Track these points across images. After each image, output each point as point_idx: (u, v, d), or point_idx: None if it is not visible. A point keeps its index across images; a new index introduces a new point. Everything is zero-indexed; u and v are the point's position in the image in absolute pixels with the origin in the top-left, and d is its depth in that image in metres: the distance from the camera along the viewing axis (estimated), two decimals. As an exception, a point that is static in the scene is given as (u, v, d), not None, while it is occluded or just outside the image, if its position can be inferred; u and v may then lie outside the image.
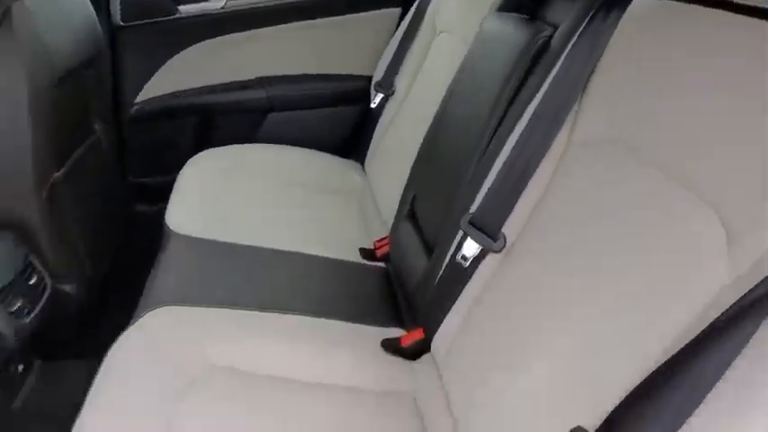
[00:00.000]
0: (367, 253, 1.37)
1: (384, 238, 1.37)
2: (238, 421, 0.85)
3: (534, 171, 0.86)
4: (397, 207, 1.34)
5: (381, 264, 1.35)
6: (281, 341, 1.02)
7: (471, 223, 0.92)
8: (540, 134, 0.85)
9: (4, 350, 1.03)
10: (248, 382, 0.92)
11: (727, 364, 0.46)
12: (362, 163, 1.78)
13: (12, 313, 1.02)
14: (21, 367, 1.16)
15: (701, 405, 0.47)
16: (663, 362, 0.52)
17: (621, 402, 0.54)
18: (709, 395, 0.46)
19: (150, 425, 0.78)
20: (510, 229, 0.89)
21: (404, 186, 1.32)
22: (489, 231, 0.90)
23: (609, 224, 0.73)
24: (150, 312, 0.98)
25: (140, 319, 0.96)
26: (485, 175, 0.94)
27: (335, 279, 1.26)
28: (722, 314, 0.49)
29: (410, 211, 1.26)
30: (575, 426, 0.58)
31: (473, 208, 0.94)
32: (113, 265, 1.50)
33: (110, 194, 1.58)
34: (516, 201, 0.88)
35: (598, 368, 0.64)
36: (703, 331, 0.50)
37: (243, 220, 1.35)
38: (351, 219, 1.53)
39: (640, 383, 0.53)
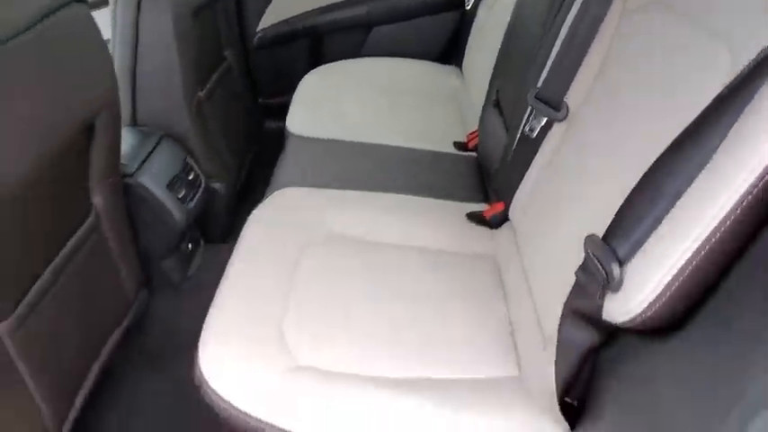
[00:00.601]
0: (460, 145, 1.51)
1: (475, 131, 1.50)
2: (348, 273, 1.06)
3: (591, 42, 0.94)
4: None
5: (473, 153, 1.48)
6: (384, 213, 1.22)
7: (537, 98, 1.02)
8: (596, 7, 0.92)
9: (178, 229, 1.35)
10: (356, 244, 1.13)
11: (702, 164, 0.56)
12: (461, 67, 1.89)
13: (179, 199, 1.33)
14: (190, 246, 1.50)
15: (683, 196, 0.57)
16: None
17: (621, 205, 0.65)
18: (689, 187, 0.57)
19: (274, 278, 1.01)
20: (572, 98, 0.99)
21: (490, 79, 1.42)
22: (553, 103, 1.00)
23: (649, 77, 0.80)
24: (275, 193, 1.23)
25: (267, 199, 1.21)
26: (548, 53, 1.03)
27: (431, 166, 1.42)
28: (699, 115, 0.58)
29: (495, 100, 1.37)
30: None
31: (539, 84, 1.04)
32: (250, 170, 1.80)
33: (244, 113, 1.86)
34: (576, 71, 0.96)
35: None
36: (684, 131, 0.59)
37: (351, 121, 1.56)
38: (448, 117, 1.67)
39: (634, 187, 0.64)
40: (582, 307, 0.68)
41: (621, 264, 0.62)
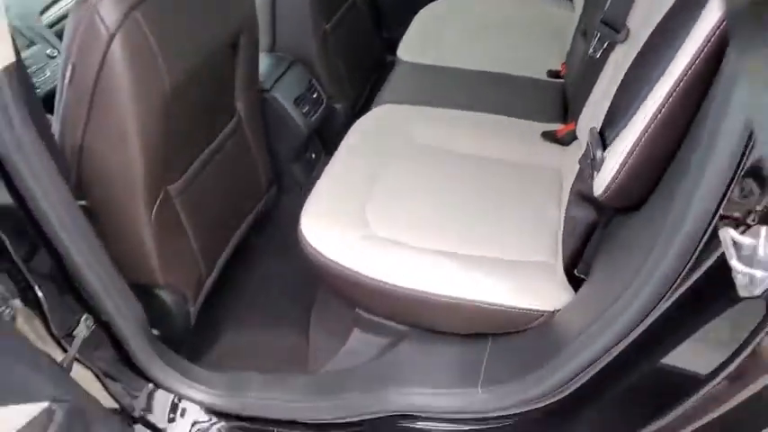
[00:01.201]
0: (553, 73, 1.62)
1: (569, 60, 1.59)
2: (427, 174, 1.27)
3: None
4: (581, 30, 1.53)
5: (563, 80, 1.59)
6: (468, 128, 1.40)
7: (602, 21, 1.12)
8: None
9: (301, 138, 1.65)
10: (439, 153, 1.33)
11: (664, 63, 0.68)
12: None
13: (303, 113, 1.62)
14: (313, 155, 1.80)
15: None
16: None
17: (612, 99, 0.78)
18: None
19: (364, 172, 1.25)
20: (633, 21, 1.08)
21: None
22: (616, 25, 1.10)
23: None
24: (377, 108, 1.46)
25: (370, 112, 1.45)
26: (616, -21, 1.11)
27: (521, 90, 1.57)
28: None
29: (584, 30, 1.45)
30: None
31: (606, 7, 1.13)
32: (369, 96, 2.05)
33: (367, 45, 2.09)
34: (636, -4, 1.05)
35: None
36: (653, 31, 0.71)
37: (454, 49, 1.73)
38: (550, 47, 1.76)
39: (620, 83, 0.77)
40: (581, 188, 0.84)
41: (605, 148, 0.76)
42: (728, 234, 0.55)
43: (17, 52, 0.86)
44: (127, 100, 0.99)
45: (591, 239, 0.89)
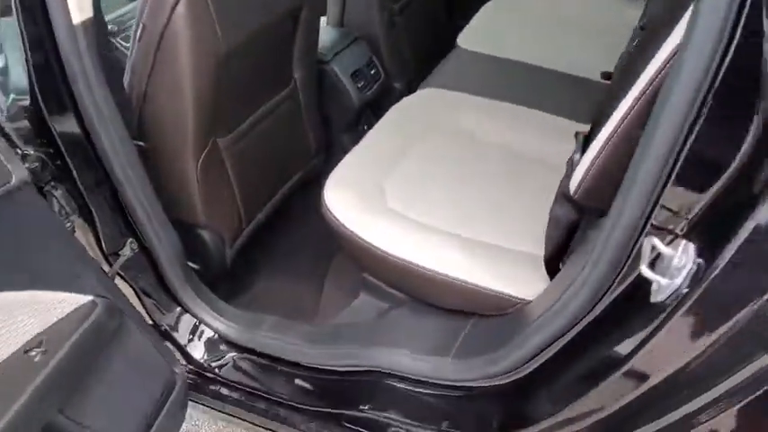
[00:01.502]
0: (605, 74, 1.60)
1: (625, 63, 1.58)
2: (450, 159, 1.33)
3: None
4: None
5: (614, 83, 1.57)
6: (503, 120, 1.45)
7: (641, 27, 1.13)
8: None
9: (353, 110, 1.75)
10: (468, 140, 1.39)
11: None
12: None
13: (358, 87, 1.72)
14: (365, 128, 1.90)
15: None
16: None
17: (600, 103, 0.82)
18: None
19: (391, 150, 1.34)
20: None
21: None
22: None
23: None
24: (422, 90, 1.53)
25: (415, 93, 1.53)
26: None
27: (569, 88, 1.58)
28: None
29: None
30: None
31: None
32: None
33: (436, 30, 2.15)
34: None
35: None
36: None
37: (511, 41, 1.75)
38: (610, 48, 1.72)
39: (608, 89, 0.80)
40: (564, 189, 0.88)
41: (584, 151, 0.80)
42: (650, 242, 0.59)
43: (97, 6, 1.02)
44: (184, 58, 1.14)
45: (575, 237, 0.93)
